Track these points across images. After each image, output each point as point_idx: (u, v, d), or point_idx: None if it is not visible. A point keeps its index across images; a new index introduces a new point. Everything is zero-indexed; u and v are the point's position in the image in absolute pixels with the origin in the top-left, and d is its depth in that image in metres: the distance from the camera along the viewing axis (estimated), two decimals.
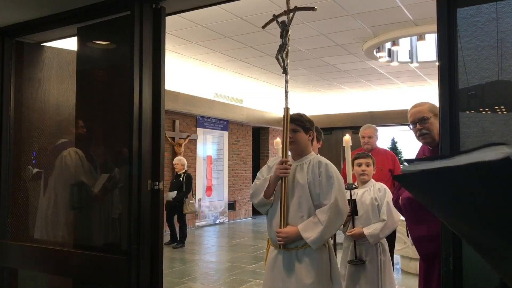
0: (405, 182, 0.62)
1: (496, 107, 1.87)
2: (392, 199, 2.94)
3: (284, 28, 2.67)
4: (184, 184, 8.18)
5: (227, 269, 6.50)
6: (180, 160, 8.47)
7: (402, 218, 3.33)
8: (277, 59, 2.69)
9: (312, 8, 2.69)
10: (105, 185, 2.66)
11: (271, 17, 2.77)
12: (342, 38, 7.26)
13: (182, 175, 8.33)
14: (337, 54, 8.21)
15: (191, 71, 9.56)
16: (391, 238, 4.08)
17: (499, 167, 0.52)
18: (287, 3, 2.69)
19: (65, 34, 3.05)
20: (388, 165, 4.61)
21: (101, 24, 2.73)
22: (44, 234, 3.09)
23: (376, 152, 4.49)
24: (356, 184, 3.38)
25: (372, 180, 3.40)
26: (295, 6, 2.67)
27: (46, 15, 2.88)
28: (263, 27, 2.87)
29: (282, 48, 2.68)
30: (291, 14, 2.68)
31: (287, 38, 2.67)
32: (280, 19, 2.72)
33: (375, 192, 3.29)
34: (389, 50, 8.05)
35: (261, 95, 11.99)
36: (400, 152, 12.25)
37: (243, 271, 6.28)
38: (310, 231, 2.48)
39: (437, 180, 0.58)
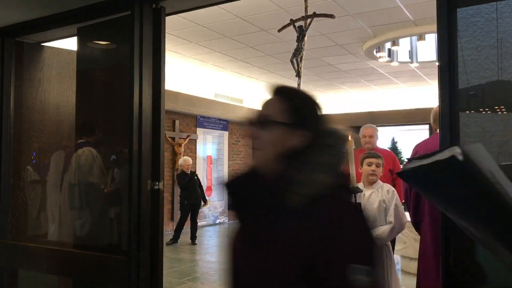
0: (403, 178, 0.71)
1: (496, 107, 1.87)
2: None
3: (301, 33, 2.68)
4: (199, 181, 8.61)
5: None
6: (189, 161, 8.67)
7: (409, 219, 3.33)
8: (292, 62, 2.69)
9: (331, 16, 2.70)
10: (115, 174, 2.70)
11: (288, 21, 2.80)
12: (342, 38, 7.26)
13: (195, 173, 8.57)
14: (337, 54, 8.20)
15: (191, 71, 9.56)
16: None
17: (447, 164, 0.62)
18: (306, 10, 2.71)
19: (65, 34, 3.05)
20: (388, 165, 4.60)
21: (101, 24, 2.73)
22: (54, 233, 3.09)
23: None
24: (360, 185, 3.33)
25: (379, 181, 3.33)
26: (314, 12, 2.68)
27: (46, 15, 2.88)
28: (279, 30, 2.89)
29: (298, 52, 2.68)
30: (308, 20, 2.69)
31: (303, 43, 2.66)
32: (297, 24, 2.74)
33: (384, 194, 3.22)
34: (389, 50, 8.05)
35: (261, 95, 11.98)
36: (400, 152, 12.26)
37: None
38: None
39: (417, 177, 0.68)
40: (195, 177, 8.51)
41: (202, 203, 8.70)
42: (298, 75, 2.67)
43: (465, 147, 0.63)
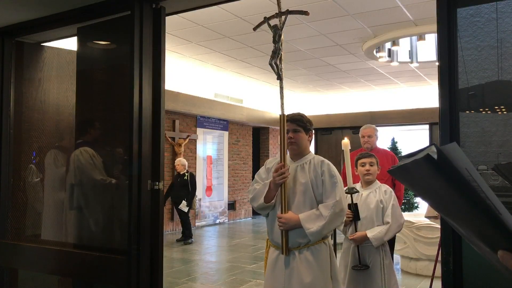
0: (392, 175, 0.75)
1: (496, 107, 1.87)
2: None
3: (277, 33, 2.55)
4: (190, 183, 8.60)
5: (227, 269, 6.50)
6: (180, 161, 8.79)
7: (406, 219, 3.34)
8: (271, 65, 2.60)
9: (304, 12, 2.54)
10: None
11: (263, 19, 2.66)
12: (342, 38, 7.26)
13: (186, 174, 8.60)
14: (337, 54, 8.21)
15: (191, 71, 9.56)
16: (392, 238, 4.08)
17: (423, 163, 0.67)
18: (278, 5, 2.58)
19: (65, 34, 3.05)
20: (388, 165, 4.61)
21: (101, 24, 2.73)
22: (52, 233, 3.09)
23: (376, 152, 4.48)
24: (358, 185, 3.34)
25: (376, 181, 3.34)
26: (287, 9, 2.57)
27: (46, 15, 2.88)
28: (254, 29, 2.75)
29: (276, 53, 2.56)
30: (283, 17, 2.57)
31: (280, 43, 2.57)
32: (272, 23, 2.60)
33: (381, 194, 3.22)
34: (389, 50, 8.04)
35: (261, 95, 11.99)
36: (400, 152, 12.25)
37: (243, 271, 6.28)
38: (311, 222, 2.49)
39: (403, 174, 0.73)
40: (185, 178, 8.59)
41: (184, 202, 8.50)
42: (280, 77, 2.59)
43: (442, 146, 0.66)
